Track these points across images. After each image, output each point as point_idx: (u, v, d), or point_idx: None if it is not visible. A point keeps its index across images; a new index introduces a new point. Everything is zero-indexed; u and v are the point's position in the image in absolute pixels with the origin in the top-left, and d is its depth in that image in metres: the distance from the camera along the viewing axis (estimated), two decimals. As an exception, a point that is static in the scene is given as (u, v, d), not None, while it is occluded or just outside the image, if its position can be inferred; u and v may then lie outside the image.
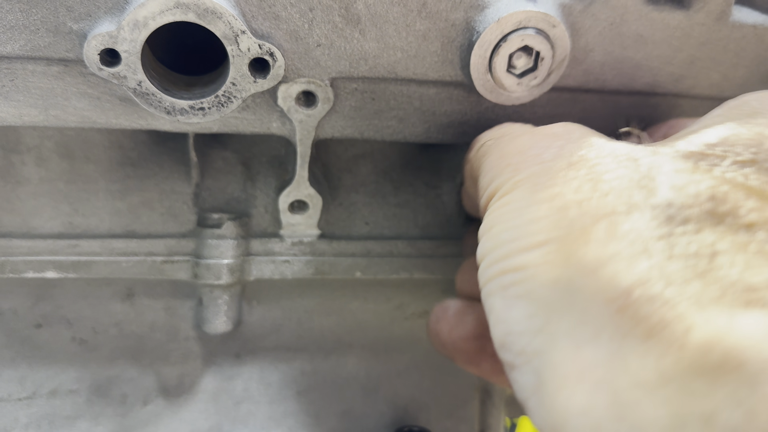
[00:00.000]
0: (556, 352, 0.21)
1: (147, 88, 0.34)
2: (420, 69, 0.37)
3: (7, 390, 0.48)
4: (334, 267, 0.47)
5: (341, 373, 0.54)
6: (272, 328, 0.52)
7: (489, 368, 0.36)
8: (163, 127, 0.39)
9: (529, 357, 0.23)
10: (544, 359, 0.22)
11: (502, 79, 0.36)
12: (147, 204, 0.46)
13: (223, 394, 0.52)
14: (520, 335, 0.23)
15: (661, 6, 0.38)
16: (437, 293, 0.54)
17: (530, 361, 0.23)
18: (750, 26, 0.40)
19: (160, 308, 0.49)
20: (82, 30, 0.33)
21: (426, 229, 0.50)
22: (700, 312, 0.19)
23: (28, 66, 0.35)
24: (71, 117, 0.37)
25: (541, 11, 0.35)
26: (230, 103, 0.36)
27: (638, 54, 0.39)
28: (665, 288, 0.19)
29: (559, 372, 0.21)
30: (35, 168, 0.44)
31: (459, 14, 0.36)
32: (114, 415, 0.50)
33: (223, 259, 0.45)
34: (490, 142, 0.33)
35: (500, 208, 0.27)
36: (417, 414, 0.55)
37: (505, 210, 0.26)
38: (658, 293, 0.19)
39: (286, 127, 0.40)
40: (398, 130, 0.41)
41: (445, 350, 0.38)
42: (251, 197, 0.47)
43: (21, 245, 0.43)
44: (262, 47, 0.34)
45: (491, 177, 0.29)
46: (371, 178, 0.49)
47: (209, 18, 0.32)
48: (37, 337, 0.48)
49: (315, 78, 0.37)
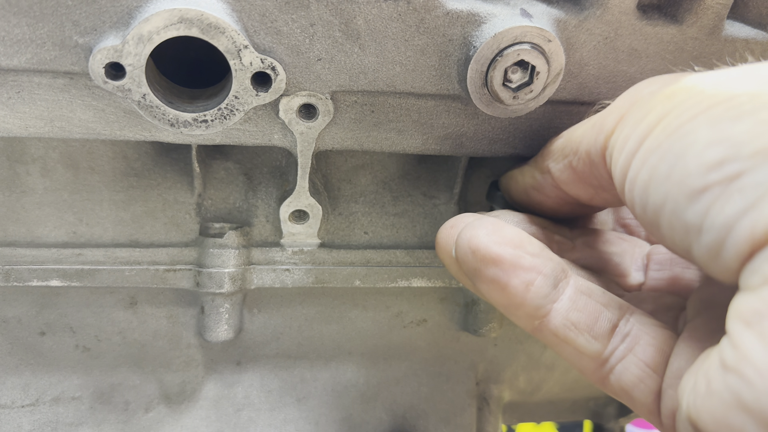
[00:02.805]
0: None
1: (151, 101, 0.35)
2: (418, 82, 0.38)
3: (11, 397, 0.49)
4: (334, 276, 0.48)
5: (341, 380, 0.54)
6: (273, 336, 0.52)
7: (520, 283, 0.32)
8: (166, 138, 0.39)
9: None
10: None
11: (499, 92, 0.37)
12: (150, 214, 0.46)
13: (224, 401, 0.52)
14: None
15: (655, 21, 0.39)
16: (435, 302, 0.54)
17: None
18: (742, 40, 0.40)
19: (162, 316, 0.50)
20: (87, 44, 0.34)
21: (424, 239, 0.50)
22: None
23: (34, 78, 0.36)
24: (76, 128, 0.38)
25: (537, 26, 0.35)
26: (233, 115, 0.37)
27: (632, 68, 0.40)
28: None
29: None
30: (40, 178, 0.44)
31: (456, 30, 0.36)
32: (116, 422, 0.50)
33: (225, 268, 0.45)
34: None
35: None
36: (415, 421, 0.56)
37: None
38: None
39: (287, 138, 0.40)
40: (397, 141, 0.42)
41: (475, 259, 0.33)
42: (253, 207, 0.48)
43: (26, 254, 0.44)
44: (264, 61, 0.35)
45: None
46: (370, 189, 0.50)
47: (212, 33, 0.33)
48: (40, 344, 0.49)
49: (315, 91, 0.38)
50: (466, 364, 0.57)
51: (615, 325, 0.32)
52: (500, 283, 0.32)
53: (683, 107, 0.26)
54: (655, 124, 0.27)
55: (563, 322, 0.32)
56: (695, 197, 0.24)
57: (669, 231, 0.26)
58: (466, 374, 0.57)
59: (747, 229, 0.22)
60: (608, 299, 0.33)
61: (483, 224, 0.34)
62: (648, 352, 0.31)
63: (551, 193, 0.39)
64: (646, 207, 0.27)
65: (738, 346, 0.22)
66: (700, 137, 0.24)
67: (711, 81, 0.26)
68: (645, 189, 0.27)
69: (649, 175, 0.26)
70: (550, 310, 0.32)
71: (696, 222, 0.24)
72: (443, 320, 0.55)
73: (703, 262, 0.25)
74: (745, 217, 0.22)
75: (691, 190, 0.24)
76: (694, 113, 0.25)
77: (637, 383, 0.31)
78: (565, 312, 0.32)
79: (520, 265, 0.32)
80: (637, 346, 0.32)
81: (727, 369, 0.22)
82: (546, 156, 0.38)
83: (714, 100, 0.25)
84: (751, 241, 0.22)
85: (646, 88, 0.31)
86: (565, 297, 0.33)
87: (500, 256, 0.32)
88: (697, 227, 0.24)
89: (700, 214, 0.24)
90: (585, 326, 0.32)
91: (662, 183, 0.25)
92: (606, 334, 0.32)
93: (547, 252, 0.33)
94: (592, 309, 0.33)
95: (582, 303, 0.33)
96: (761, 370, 0.20)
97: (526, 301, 0.32)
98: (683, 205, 0.24)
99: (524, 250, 0.32)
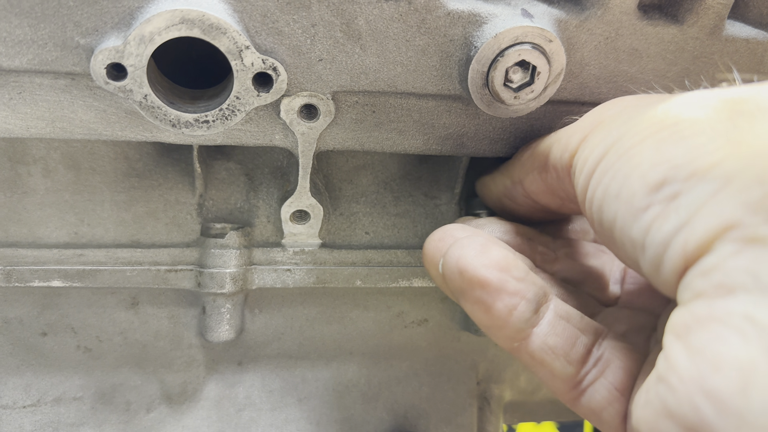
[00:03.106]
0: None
1: (152, 101, 0.35)
2: (419, 83, 0.38)
3: (13, 397, 0.49)
4: (335, 276, 0.48)
5: (342, 380, 0.54)
6: (274, 336, 0.52)
7: (504, 307, 0.33)
8: (168, 139, 0.39)
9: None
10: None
11: (500, 92, 0.37)
12: (152, 214, 0.46)
13: (225, 401, 0.52)
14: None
15: (656, 21, 0.39)
16: (436, 301, 0.54)
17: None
18: (743, 40, 0.40)
19: (164, 317, 0.50)
20: (89, 44, 0.34)
21: (425, 239, 0.50)
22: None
23: (35, 79, 0.36)
24: (78, 129, 0.38)
25: (538, 27, 0.35)
26: (234, 116, 0.37)
27: (633, 68, 0.40)
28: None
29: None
30: (42, 179, 0.44)
31: (457, 30, 0.36)
32: (118, 422, 0.50)
33: (226, 269, 0.45)
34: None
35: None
36: (416, 421, 0.56)
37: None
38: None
39: (289, 139, 0.40)
40: (398, 141, 0.42)
41: (462, 280, 0.34)
42: (254, 207, 0.48)
43: (27, 255, 0.44)
44: (265, 62, 0.35)
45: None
46: (371, 189, 0.50)
47: (214, 34, 0.33)
48: (42, 345, 0.49)
49: (317, 91, 0.38)
50: (467, 364, 0.57)
51: (589, 350, 0.34)
52: (485, 305, 0.33)
53: (635, 130, 0.28)
54: (610, 146, 0.29)
55: (541, 345, 0.33)
56: (639, 215, 0.26)
57: (621, 247, 0.28)
58: (467, 374, 0.57)
59: (680, 246, 0.23)
60: (585, 324, 0.35)
61: (471, 244, 0.35)
62: (618, 376, 0.32)
63: (522, 201, 0.41)
64: (602, 223, 0.29)
65: (668, 358, 0.23)
66: (645, 159, 0.26)
67: (664, 106, 0.27)
68: (599, 207, 0.29)
69: (602, 193, 0.28)
70: (530, 334, 0.34)
71: (640, 239, 0.26)
72: (444, 320, 0.55)
73: (650, 277, 0.26)
74: (679, 234, 0.23)
75: (635, 209, 0.26)
76: (643, 136, 0.27)
77: (606, 406, 0.32)
78: (543, 336, 0.34)
79: (505, 290, 0.33)
80: (607, 370, 0.33)
81: (659, 380, 0.23)
82: (516, 167, 0.40)
83: (662, 124, 0.26)
84: (683, 257, 0.23)
85: (609, 110, 0.33)
86: (545, 321, 0.34)
87: (487, 280, 0.33)
88: (641, 244, 0.26)
89: (643, 231, 0.25)
90: (562, 351, 0.33)
91: (613, 201, 0.27)
92: (581, 358, 0.33)
93: (531, 276, 0.35)
94: (570, 334, 0.34)
95: (560, 328, 0.34)
96: (684, 378, 0.22)
97: (508, 324, 0.33)
98: (630, 223, 0.26)
99: (510, 274, 0.33)
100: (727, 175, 0.22)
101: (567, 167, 0.34)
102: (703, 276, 0.22)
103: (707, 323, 0.22)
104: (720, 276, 0.22)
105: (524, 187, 0.40)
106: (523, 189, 0.40)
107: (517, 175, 0.40)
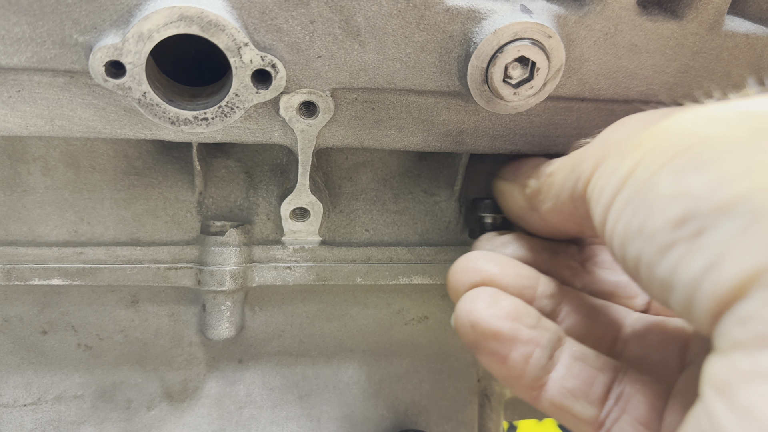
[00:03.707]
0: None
1: (151, 99, 0.35)
2: (418, 79, 0.38)
3: (13, 396, 0.49)
4: (335, 273, 0.48)
5: (342, 377, 0.54)
6: (274, 334, 0.52)
7: (519, 356, 0.34)
8: (167, 137, 0.39)
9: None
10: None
11: (499, 89, 0.37)
12: (151, 212, 0.46)
13: (226, 398, 0.52)
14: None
15: (655, 16, 0.39)
16: (436, 299, 0.54)
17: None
18: (742, 35, 0.40)
19: (164, 314, 0.50)
20: (87, 42, 0.34)
21: (425, 236, 0.51)
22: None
23: (34, 77, 0.36)
24: (77, 127, 0.38)
25: (537, 22, 0.35)
26: (233, 113, 0.37)
27: (632, 63, 0.40)
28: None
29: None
30: (41, 177, 0.44)
31: (456, 26, 0.36)
32: (118, 420, 0.50)
33: (226, 266, 0.45)
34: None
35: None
36: (417, 418, 0.56)
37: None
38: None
39: (288, 136, 0.40)
40: (397, 138, 0.42)
41: (475, 333, 0.35)
42: (254, 205, 0.48)
43: (27, 253, 0.44)
44: (264, 59, 0.35)
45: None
46: (371, 186, 0.50)
47: (213, 31, 0.33)
48: (42, 343, 0.49)
49: (316, 89, 0.38)
50: (468, 361, 0.57)
51: (609, 388, 0.33)
52: (500, 356, 0.34)
53: (650, 158, 0.26)
54: (626, 177, 0.27)
55: (559, 389, 0.33)
56: (664, 253, 0.24)
57: (648, 284, 0.26)
58: (468, 371, 0.57)
59: (710, 288, 0.22)
60: (602, 362, 0.34)
61: (481, 296, 0.35)
62: (641, 410, 0.32)
63: (541, 226, 0.40)
64: (626, 260, 0.27)
65: (711, 415, 0.22)
66: (664, 191, 0.25)
67: (677, 127, 0.26)
68: (622, 243, 0.27)
69: (624, 229, 0.27)
70: (546, 381, 0.33)
71: (667, 278, 0.24)
72: (445, 317, 0.55)
73: (682, 316, 0.25)
74: (709, 275, 0.22)
75: (660, 247, 0.24)
76: (660, 164, 0.25)
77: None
78: (560, 380, 0.34)
79: (519, 339, 0.33)
80: (629, 405, 0.32)
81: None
82: (533, 196, 0.39)
83: (677, 148, 0.25)
84: (715, 301, 0.22)
85: (617, 133, 0.32)
86: (561, 365, 0.34)
87: (500, 331, 0.33)
88: (669, 284, 0.24)
89: (670, 271, 0.24)
90: (581, 392, 0.33)
91: (635, 238, 0.26)
92: (601, 398, 0.33)
93: (544, 321, 0.35)
94: (587, 375, 0.34)
95: (577, 369, 0.34)
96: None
97: (525, 374, 0.33)
98: (655, 261, 0.25)
99: (522, 322, 0.34)
100: (754, 211, 0.21)
101: (582, 196, 0.33)
102: (740, 325, 0.21)
103: (752, 380, 0.20)
104: (760, 326, 0.21)
105: (541, 215, 0.39)
106: (540, 216, 0.39)
107: (534, 203, 0.39)
